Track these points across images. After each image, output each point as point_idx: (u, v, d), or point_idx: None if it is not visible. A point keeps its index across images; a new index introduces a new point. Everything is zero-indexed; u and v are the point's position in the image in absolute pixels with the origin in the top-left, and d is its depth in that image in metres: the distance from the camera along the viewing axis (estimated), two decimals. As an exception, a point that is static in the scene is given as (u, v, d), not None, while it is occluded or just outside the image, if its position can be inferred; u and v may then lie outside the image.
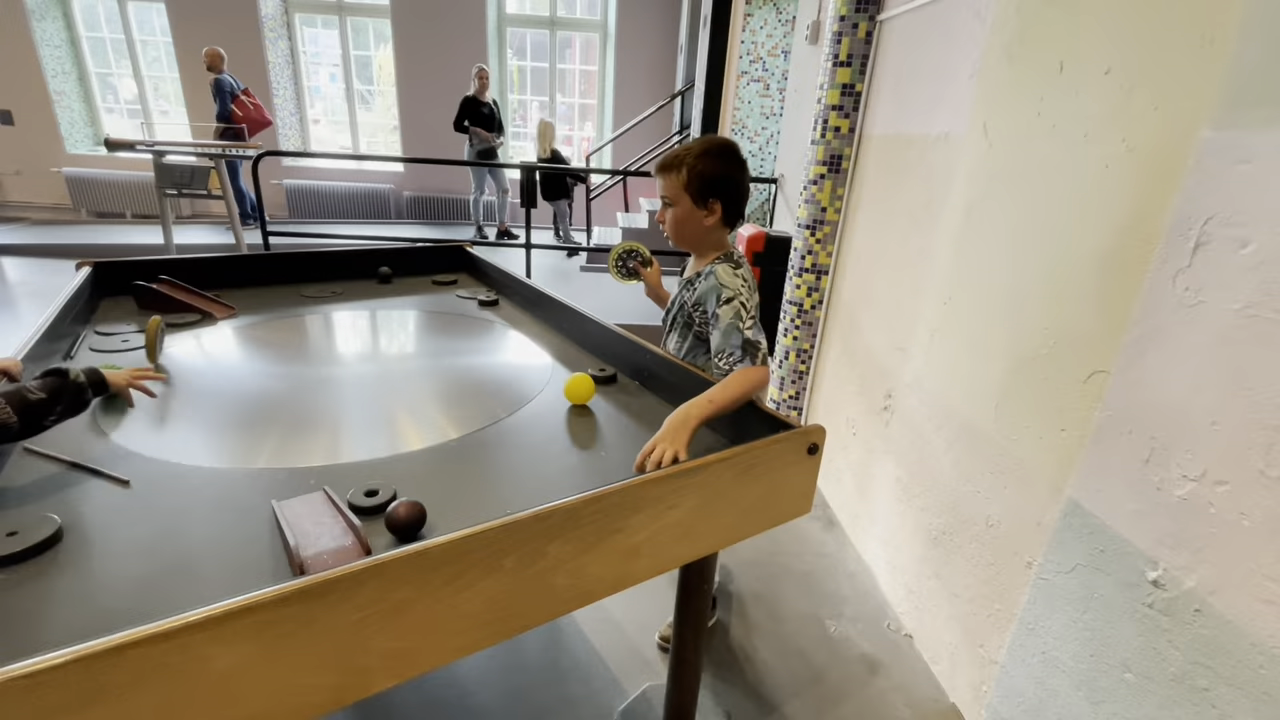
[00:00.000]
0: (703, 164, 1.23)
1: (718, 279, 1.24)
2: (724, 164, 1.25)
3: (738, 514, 1.00)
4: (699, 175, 1.23)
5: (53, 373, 0.90)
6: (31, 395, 0.87)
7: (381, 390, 1.34)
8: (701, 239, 1.32)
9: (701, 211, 1.27)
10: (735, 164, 1.26)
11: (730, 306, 1.20)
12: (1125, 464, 1.10)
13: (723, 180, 1.25)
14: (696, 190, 1.25)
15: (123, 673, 0.54)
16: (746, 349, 1.15)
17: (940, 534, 1.69)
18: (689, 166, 1.23)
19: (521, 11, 7.25)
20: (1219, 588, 0.93)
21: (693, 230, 1.29)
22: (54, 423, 0.90)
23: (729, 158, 1.25)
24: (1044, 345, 1.32)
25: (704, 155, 1.23)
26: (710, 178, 1.24)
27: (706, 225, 1.28)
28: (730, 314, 1.19)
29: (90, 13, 6.79)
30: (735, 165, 1.26)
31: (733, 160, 1.26)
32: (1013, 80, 1.45)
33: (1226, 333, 0.93)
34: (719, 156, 1.24)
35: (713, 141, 1.26)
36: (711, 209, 1.27)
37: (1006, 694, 1.40)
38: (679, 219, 1.28)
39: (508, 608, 0.78)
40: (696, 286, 1.31)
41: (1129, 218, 1.12)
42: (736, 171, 1.26)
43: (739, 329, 1.17)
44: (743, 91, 4.56)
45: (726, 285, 1.22)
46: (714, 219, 1.27)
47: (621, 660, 1.66)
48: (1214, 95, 0.96)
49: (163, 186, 4.66)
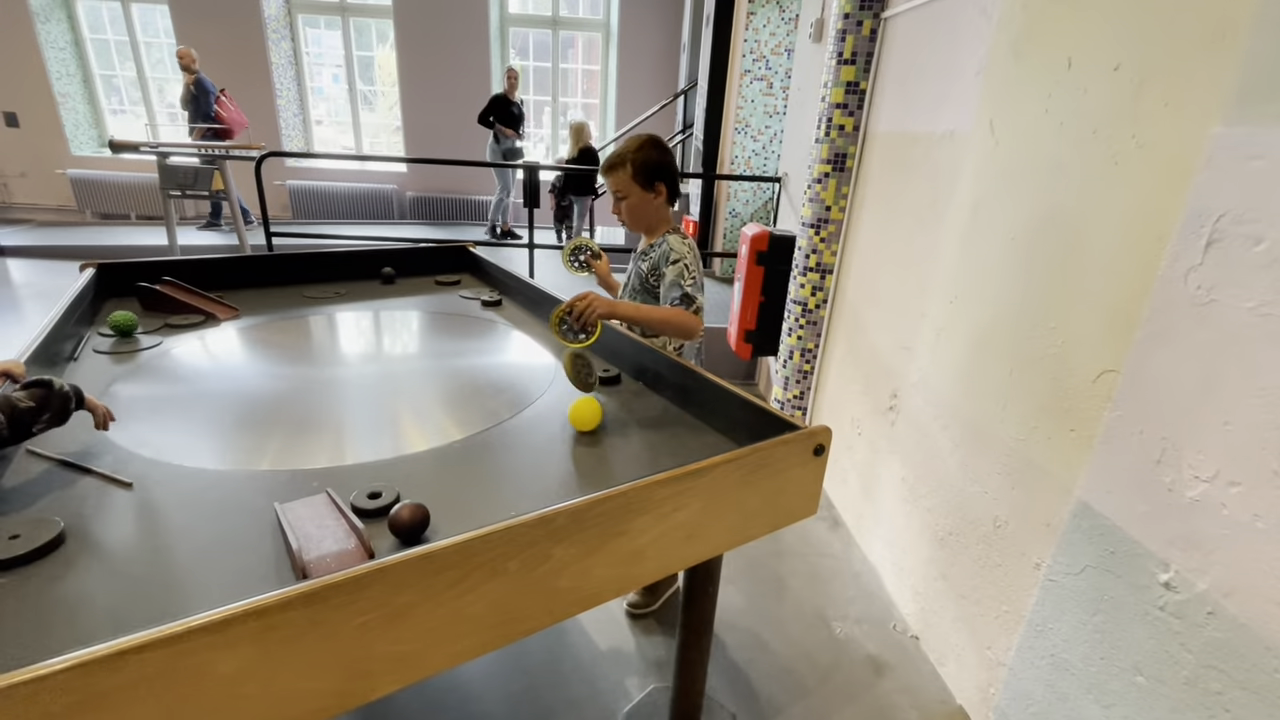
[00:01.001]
0: (642, 156, 1.46)
1: (669, 245, 1.50)
2: (658, 152, 1.48)
3: (743, 516, 0.99)
4: (642, 165, 1.47)
5: (39, 383, 0.93)
6: (20, 404, 0.89)
7: (384, 391, 1.33)
8: (654, 219, 1.55)
9: (650, 194, 1.50)
10: (666, 151, 1.50)
11: (676, 267, 1.45)
12: (1136, 465, 1.09)
13: (659, 165, 1.48)
14: (644, 179, 1.48)
15: (124, 678, 0.54)
16: (684, 300, 1.42)
17: (947, 535, 1.68)
18: (631, 161, 1.46)
19: (524, 11, 7.25)
20: (1233, 590, 0.92)
21: (646, 212, 1.53)
22: (40, 430, 0.92)
23: (660, 147, 1.49)
24: (1052, 344, 1.30)
25: (640, 149, 1.47)
26: (651, 165, 1.47)
27: (656, 205, 1.51)
28: (675, 273, 1.45)
29: (94, 15, 6.81)
30: (666, 152, 1.50)
31: (663, 149, 1.50)
32: (1019, 77, 1.44)
33: (1239, 331, 0.92)
34: (653, 147, 1.48)
35: (642, 137, 1.50)
36: (658, 190, 1.50)
37: (1015, 696, 1.39)
38: (634, 206, 1.51)
39: (512, 611, 0.77)
40: (651, 256, 1.55)
41: (1139, 215, 1.10)
42: (668, 156, 1.50)
43: (680, 284, 1.43)
44: (746, 90, 4.54)
45: (675, 249, 1.48)
46: (661, 199, 1.51)
47: (626, 662, 1.65)
48: (1226, 90, 0.95)
49: (166, 188, 4.67)
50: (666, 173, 1.49)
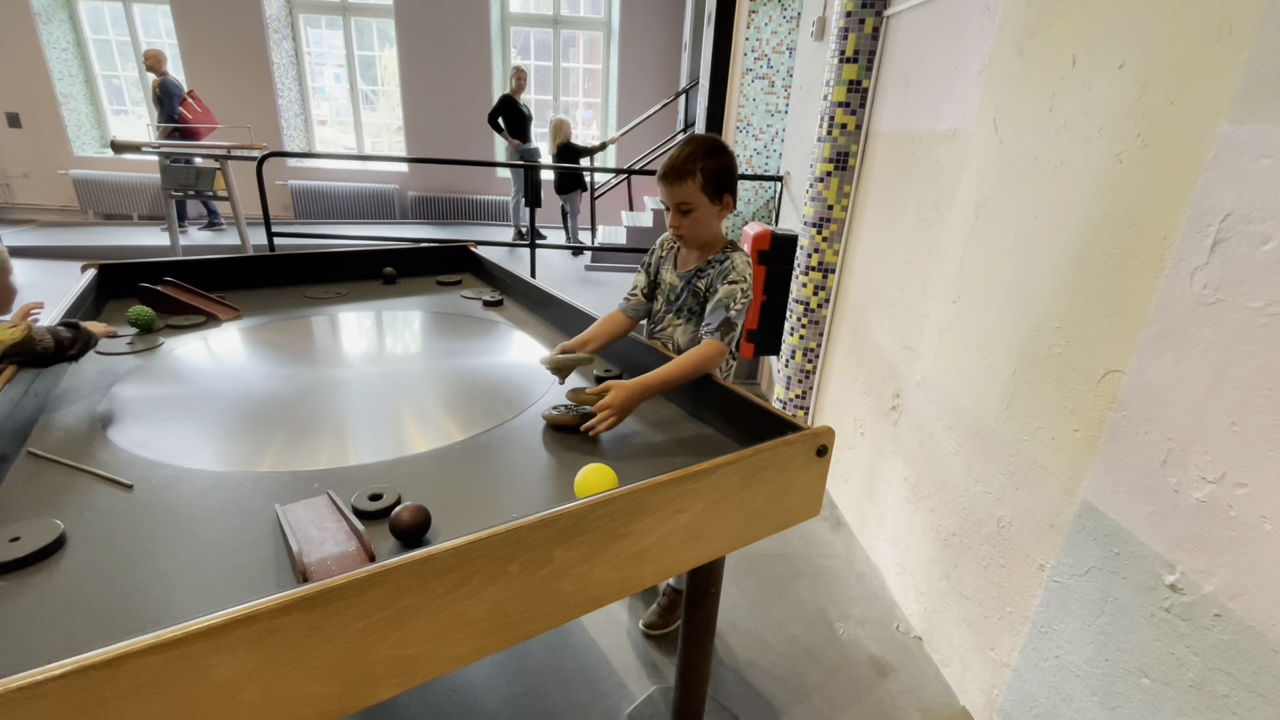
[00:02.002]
0: (715, 164, 1.30)
1: (734, 264, 1.35)
2: (727, 158, 1.33)
3: (746, 517, 0.99)
4: (714, 174, 1.30)
5: (70, 324, 1.20)
6: (62, 334, 1.16)
7: (386, 392, 1.33)
8: (715, 234, 1.40)
9: (717, 207, 1.35)
10: (731, 156, 1.35)
11: (732, 288, 1.32)
12: (1141, 465, 1.08)
13: (728, 173, 1.33)
14: (714, 190, 1.32)
15: (123, 683, 0.54)
16: (723, 326, 1.29)
17: (950, 535, 1.67)
18: (702, 168, 1.29)
19: (525, 10, 7.24)
20: (1240, 592, 0.91)
21: (710, 227, 1.37)
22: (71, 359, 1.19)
23: (725, 151, 1.33)
24: (1056, 344, 1.30)
25: (709, 156, 1.30)
26: (724, 174, 1.32)
27: (722, 218, 1.37)
28: (727, 293, 1.32)
29: (96, 15, 6.82)
30: (731, 157, 1.35)
31: (729, 153, 1.34)
32: (1023, 75, 1.43)
33: (1246, 331, 0.91)
34: (722, 153, 1.32)
35: (708, 140, 1.32)
36: (725, 203, 1.35)
37: (1019, 698, 1.39)
38: (701, 220, 1.34)
39: (513, 614, 0.77)
40: (707, 274, 1.39)
41: (1144, 214, 1.10)
42: (733, 162, 1.35)
43: (729, 307, 1.30)
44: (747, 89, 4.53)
45: (738, 269, 1.34)
46: (728, 211, 1.37)
47: (628, 663, 1.64)
48: (1232, 88, 0.94)
49: (168, 188, 4.67)
50: (733, 181, 1.33)
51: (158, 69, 5.70)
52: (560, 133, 5.88)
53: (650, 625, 1.73)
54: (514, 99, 6.02)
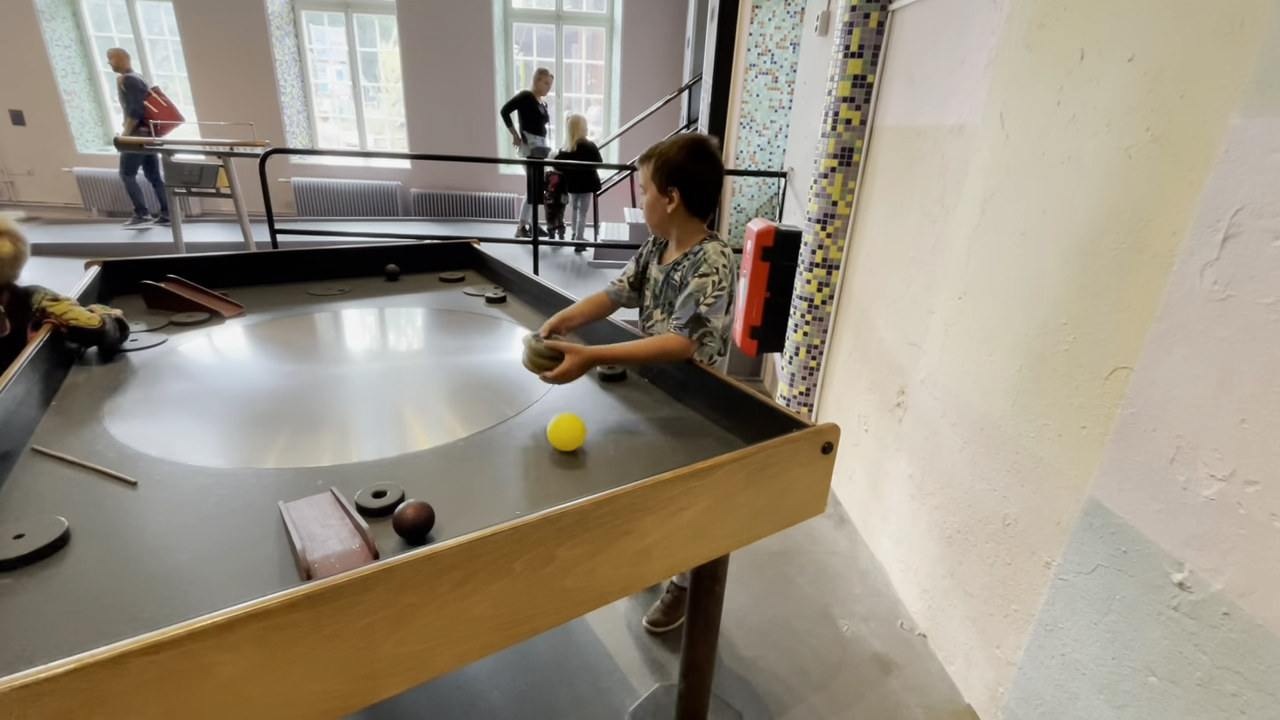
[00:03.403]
0: (669, 156, 1.34)
1: (706, 254, 1.35)
2: (686, 157, 1.34)
3: (750, 515, 0.98)
4: (663, 166, 1.35)
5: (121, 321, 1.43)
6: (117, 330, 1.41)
7: (389, 389, 1.33)
8: (667, 224, 1.42)
9: (663, 198, 1.37)
10: (699, 159, 1.34)
11: (703, 281, 1.31)
12: (1149, 463, 1.07)
13: (678, 170, 1.34)
14: (661, 180, 1.36)
15: (127, 681, 0.53)
16: (692, 322, 1.29)
17: (955, 533, 1.66)
18: (657, 156, 1.35)
19: (527, 6, 7.22)
20: (1249, 591, 0.91)
21: (657, 216, 1.40)
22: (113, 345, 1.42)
23: (695, 153, 1.34)
24: (1063, 341, 1.29)
25: (672, 148, 1.35)
26: (671, 169, 1.34)
27: (668, 212, 1.38)
28: (697, 285, 1.31)
29: (99, 12, 6.82)
30: (698, 160, 1.34)
31: (697, 156, 1.34)
32: (1031, 69, 1.42)
33: (1257, 328, 0.90)
34: (685, 150, 1.34)
35: (686, 138, 1.36)
36: (671, 196, 1.36)
37: (1024, 696, 1.38)
38: (648, 205, 1.40)
39: (517, 612, 0.76)
40: (683, 266, 1.40)
41: (1154, 209, 1.08)
42: (697, 165, 1.34)
43: (699, 300, 1.30)
44: (751, 84, 4.51)
45: (710, 259, 1.34)
46: (673, 206, 1.36)
47: (632, 660, 1.64)
48: (1244, 81, 0.93)
49: (172, 185, 4.68)
50: (686, 181, 1.34)
51: (122, 67, 5.77)
52: (577, 130, 5.85)
53: (654, 623, 1.73)
54: (534, 98, 5.99)
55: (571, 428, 1.07)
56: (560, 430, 1.07)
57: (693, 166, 1.34)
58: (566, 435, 1.07)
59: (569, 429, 1.07)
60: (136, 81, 5.72)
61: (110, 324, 1.38)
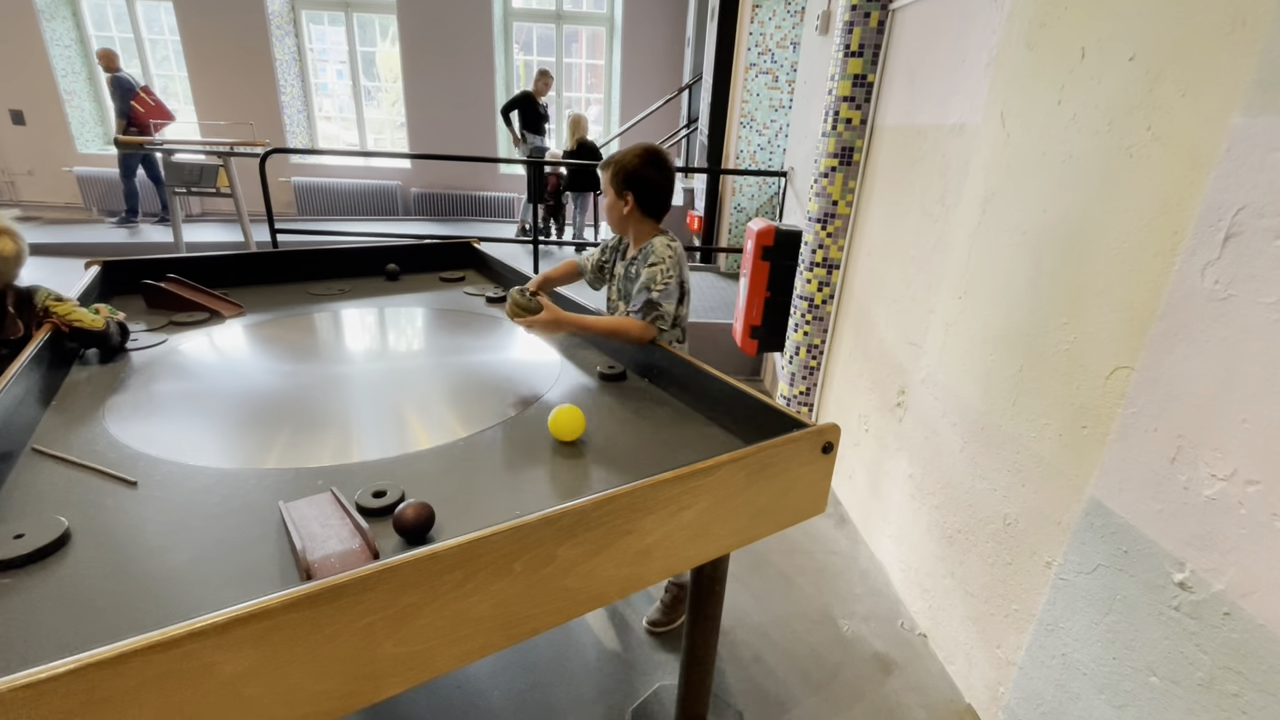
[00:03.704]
0: (625, 163, 1.48)
1: (654, 248, 1.51)
2: (641, 164, 1.48)
3: (751, 514, 0.98)
4: (620, 172, 1.49)
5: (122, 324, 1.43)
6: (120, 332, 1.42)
7: (389, 388, 1.33)
8: (625, 224, 1.56)
9: (619, 201, 1.51)
10: (654, 168, 1.49)
11: (651, 270, 1.47)
12: (1150, 462, 1.07)
13: (631, 176, 1.48)
14: (617, 185, 1.50)
15: (127, 681, 0.53)
16: (645, 307, 1.45)
17: (955, 532, 1.66)
18: (615, 164, 1.50)
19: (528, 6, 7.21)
20: (1250, 591, 0.90)
21: (616, 216, 1.55)
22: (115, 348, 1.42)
23: (648, 161, 1.49)
24: (1064, 340, 1.29)
25: (628, 156, 1.49)
26: (625, 174, 1.48)
27: (624, 214, 1.52)
28: (648, 276, 1.47)
29: (99, 12, 6.81)
30: (654, 168, 1.49)
31: (655, 164, 1.49)
32: (1031, 68, 1.41)
33: (1259, 327, 0.90)
34: (639, 158, 1.49)
35: (641, 147, 1.51)
36: (625, 199, 1.50)
37: (1025, 696, 1.38)
38: (608, 206, 1.55)
39: (518, 612, 0.76)
40: (637, 260, 1.54)
41: (1155, 209, 1.08)
42: (650, 171, 1.49)
43: (650, 289, 1.45)
44: (751, 84, 4.51)
45: (656, 252, 1.49)
46: (629, 209, 1.51)
47: (633, 659, 1.64)
48: (1246, 80, 0.93)
49: (172, 184, 4.68)
50: (639, 185, 1.48)
51: (111, 66, 5.77)
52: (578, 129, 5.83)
53: (654, 623, 1.73)
54: (534, 98, 5.98)
55: (571, 418, 1.11)
56: (560, 421, 1.11)
57: (646, 172, 1.48)
58: (566, 426, 1.11)
59: (569, 419, 1.11)
60: (124, 81, 5.71)
61: (113, 325, 1.39)
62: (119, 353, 1.42)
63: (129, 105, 5.68)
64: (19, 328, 1.36)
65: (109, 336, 1.38)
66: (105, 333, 1.36)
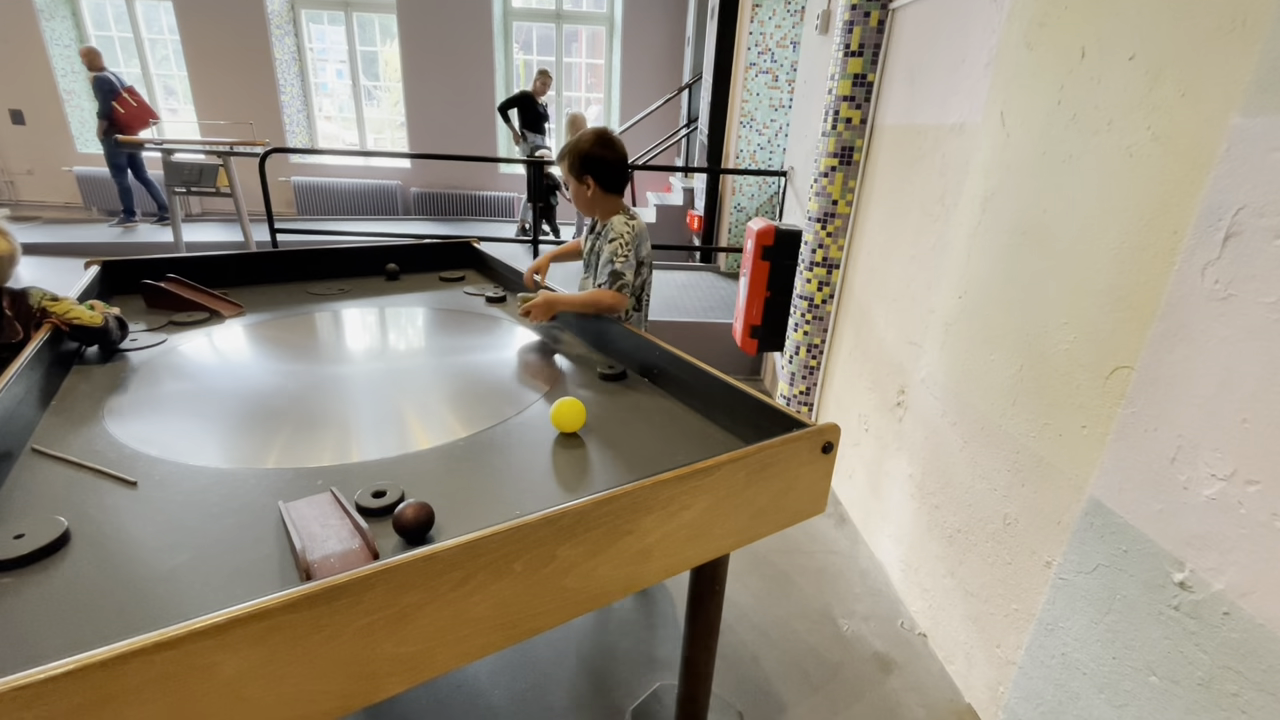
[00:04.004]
0: (578, 148, 1.59)
1: (612, 226, 1.64)
2: (592, 147, 1.59)
3: (751, 514, 0.98)
4: (575, 160, 1.60)
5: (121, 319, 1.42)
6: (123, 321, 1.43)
7: (389, 389, 1.33)
8: (592, 206, 1.68)
9: (581, 186, 1.62)
10: (605, 146, 1.60)
11: (612, 245, 1.60)
12: (1150, 462, 1.07)
13: (586, 159, 1.59)
14: (576, 172, 1.61)
15: (126, 682, 0.53)
16: (610, 278, 1.59)
17: (955, 532, 1.66)
18: (569, 153, 1.61)
19: (527, 5, 7.21)
20: (1250, 590, 0.91)
21: (582, 201, 1.67)
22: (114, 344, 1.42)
23: (601, 143, 1.60)
24: (1064, 340, 1.29)
25: (580, 142, 1.60)
26: (581, 158, 1.59)
27: (589, 196, 1.64)
28: (610, 250, 1.60)
29: (99, 11, 6.81)
30: (605, 147, 1.60)
31: (604, 144, 1.60)
32: (1031, 68, 1.41)
33: (1258, 327, 0.90)
34: (589, 143, 1.59)
35: (589, 131, 1.61)
36: (586, 183, 1.61)
37: (1025, 695, 1.38)
38: (573, 194, 1.68)
39: (518, 612, 0.76)
40: (602, 236, 1.68)
41: (1154, 208, 1.08)
42: (603, 150, 1.60)
43: (613, 261, 1.59)
44: (751, 83, 4.51)
45: (614, 229, 1.62)
46: (591, 190, 1.62)
47: (633, 659, 1.64)
48: (1246, 80, 0.93)
49: (172, 184, 4.68)
50: (595, 166, 1.60)
51: (94, 65, 5.73)
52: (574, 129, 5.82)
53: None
54: (533, 97, 5.97)
55: (572, 409, 1.14)
56: (562, 413, 1.14)
57: (599, 152, 1.59)
58: (568, 417, 1.14)
59: (570, 411, 1.14)
60: (106, 81, 5.67)
61: (112, 322, 1.39)
62: (118, 350, 1.41)
63: (110, 106, 5.65)
64: (17, 330, 1.35)
65: (108, 332, 1.37)
66: (104, 329, 1.36)
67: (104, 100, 5.67)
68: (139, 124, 5.80)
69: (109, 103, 5.66)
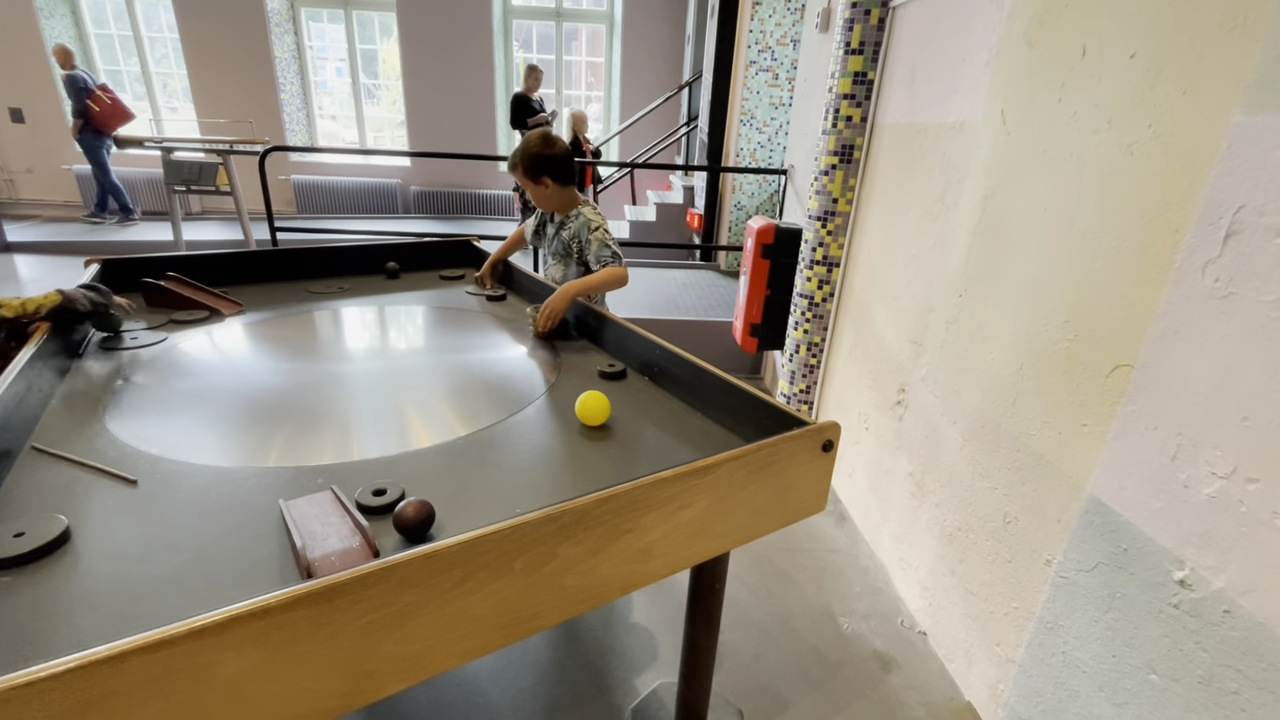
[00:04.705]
0: (528, 154, 1.71)
1: (586, 218, 1.80)
2: (540, 149, 1.71)
3: (751, 513, 0.98)
4: (528, 165, 1.72)
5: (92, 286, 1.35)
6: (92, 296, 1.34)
7: (389, 387, 1.33)
8: (555, 202, 1.82)
9: (539, 186, 1.75)
10: (548, 145, 1.72)
11: (599, 234, 1.77)
12: (1150, 460, 1.07)
13: (536, 160, 1.71)
14: (531, 175, 1.73)
15: (127, 680, 0.53)
16: (614, 257, 1.75)
17: (955, 530, 1.66)
18: (519, 162, 1.73)
19: (527, 4, 7.20)
20: (1250, 588, 0.91)
21: (544, 200, 1.81)
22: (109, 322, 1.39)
23: (543, 144, 1.72)
24: (1064, 339, 1.29)
25: (526, 149, 1.72)
26: (532, 160, 1.71)
27: (550, 192, 1.77)
28: (599, 239, 1.77)
29: (98, 9, 6.80)
30: (548, 145, 1.72)
31: (545, 145, 1.72)
32: (1032, 66, 1.41)
33: (1259, 326, 0.90)
34: (536, 146, 1.72)
35: (533, 135, 1.74)
36: (544, 183, 1.75)
37: (1024, 694, 1.38)
38: (534, 196, 1.80)
39: (518, 610, 0.76)
40: (570, 226, 1.83)
41: (1155, 207, 1.08)
42: (549, 149, 1.72)
43: (608, 245, 1.76)
44: (751, 81, 4.50)
45: (592, 220, 1.79)
46: (551, 188, 1.76)
47: (633, 657, 1.64)
48: (1247, 78, 0.92)
49: (171, 183, 4.67)
50: (548, 165, 1.72)
51: (66, 63, 5.71)
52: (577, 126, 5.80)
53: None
54: (527, 97, 5.96)
55: (598, 403, 1.17)
56: (588, 405, 1.16)
57: (547, 152, 1.71)
58: (594, 410, 1.16)
59: (596, 404, 1.16)
60: (78, 79, 5.63)
61: (76, 293, 1.30)
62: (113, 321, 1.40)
63: (84, 104, 5.63)
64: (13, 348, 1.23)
65: (75, 302, 1.27)
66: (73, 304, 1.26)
67: (77, 98, 5.65)
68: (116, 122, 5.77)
69: (82, 101, 5.63)
